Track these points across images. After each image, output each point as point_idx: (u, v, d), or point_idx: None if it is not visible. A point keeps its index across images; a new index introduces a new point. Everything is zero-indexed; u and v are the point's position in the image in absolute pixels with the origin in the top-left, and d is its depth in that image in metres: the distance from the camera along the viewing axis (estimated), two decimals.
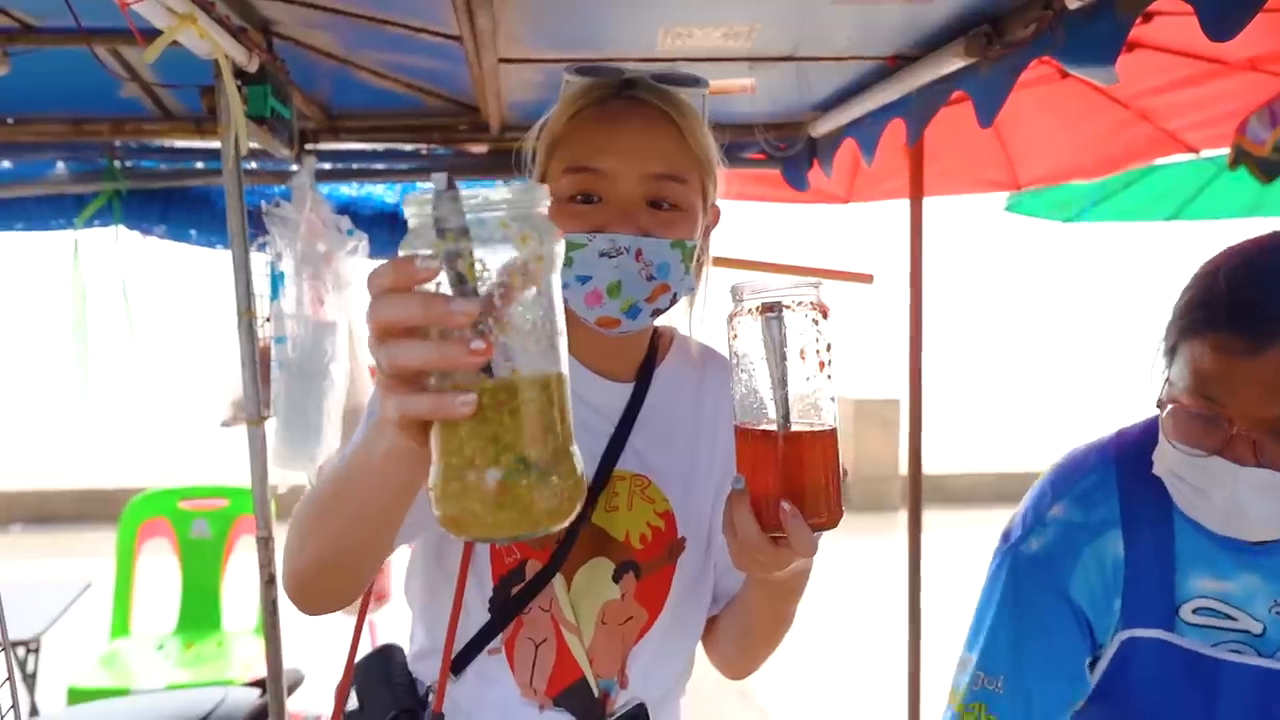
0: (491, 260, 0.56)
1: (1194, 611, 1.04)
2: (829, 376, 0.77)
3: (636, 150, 0.96)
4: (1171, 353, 0.99)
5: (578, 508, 0.60)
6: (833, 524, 0.79)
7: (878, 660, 4.18)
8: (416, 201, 0.56)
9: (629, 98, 1.00)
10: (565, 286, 0.97)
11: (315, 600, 0.90)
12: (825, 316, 0.77)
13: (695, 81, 1.03)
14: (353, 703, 1.11)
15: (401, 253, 0.57)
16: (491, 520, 0.57)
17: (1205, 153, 2.81)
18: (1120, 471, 1.08)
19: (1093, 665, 1.09)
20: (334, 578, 0.86)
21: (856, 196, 3.32)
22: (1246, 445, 0.92)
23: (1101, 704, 1.09)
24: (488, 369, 0.56)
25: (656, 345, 1.12)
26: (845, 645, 4.38)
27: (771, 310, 0.76)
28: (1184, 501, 1.00)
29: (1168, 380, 0.99)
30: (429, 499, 0.60)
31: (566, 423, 0.60)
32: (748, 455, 0.80)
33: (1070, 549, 1.07)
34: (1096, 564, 1.06)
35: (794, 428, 0.77)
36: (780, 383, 0.76)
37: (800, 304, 0.76)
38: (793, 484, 0.77)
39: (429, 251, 0.55)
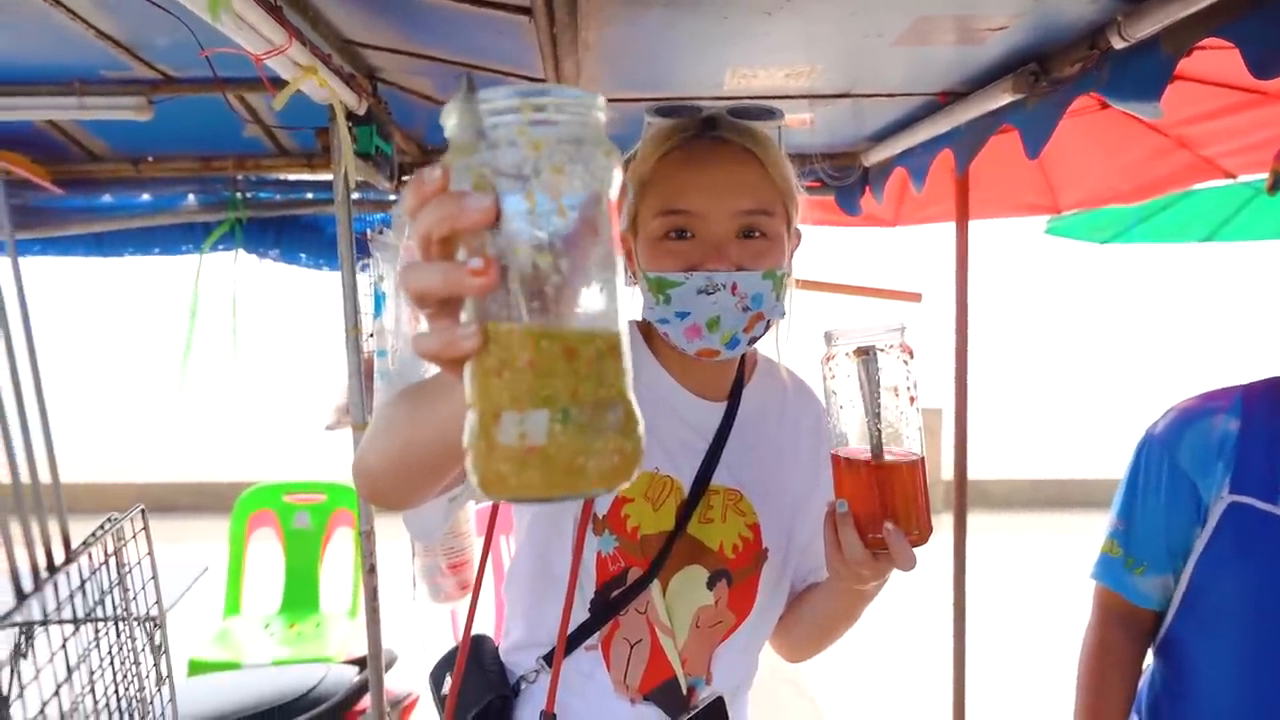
0: (511, 174, 0.43)
1: None
2: (917, 410, 0.80)
3: (724, 188, 0.95)
4: None
5: (635, 473, 0.48)
6: (924, 540, 0.81)
7: (921, 653, 4.10)
8: (447, 111, 0.45)
9: (712, 137, 0.99)
10: (665, 322, 0.97)
11: (377, 493, 0.80)
12: (912, 356, 0.80)
13: (771, 114, 1.01)
14: (445, 687, 1.12)
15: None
16: (541, 480, 0.44)
17: (1242, 177, 2.71)
18: (1247, 390, 1.26)
19: (1202, 529, 1.24)
20: (397, 476, 0.76)
21: (903, 220, 3.27)
22: None
23: (1209, 568, 1.23)
24: (513, 307, 0.44)
25: (743, 366, 1.12)
26: (890, 639, 4.30)
27: (867, 353, 0.79)
28: None
29: None
30: (467, 464, 0.47)
31: (619, 377, 0.47)
32: (848, 481, 0.83)
33: (1182, 425, 1.27)
34: (1204, 436, 1.24)
35: (889, 456, 0.80)
36: (875, 417, 0.79)
37: (891, 347, 0.79)
38: (890, 506, 0.80)
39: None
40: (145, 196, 2.47)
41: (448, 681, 1.10)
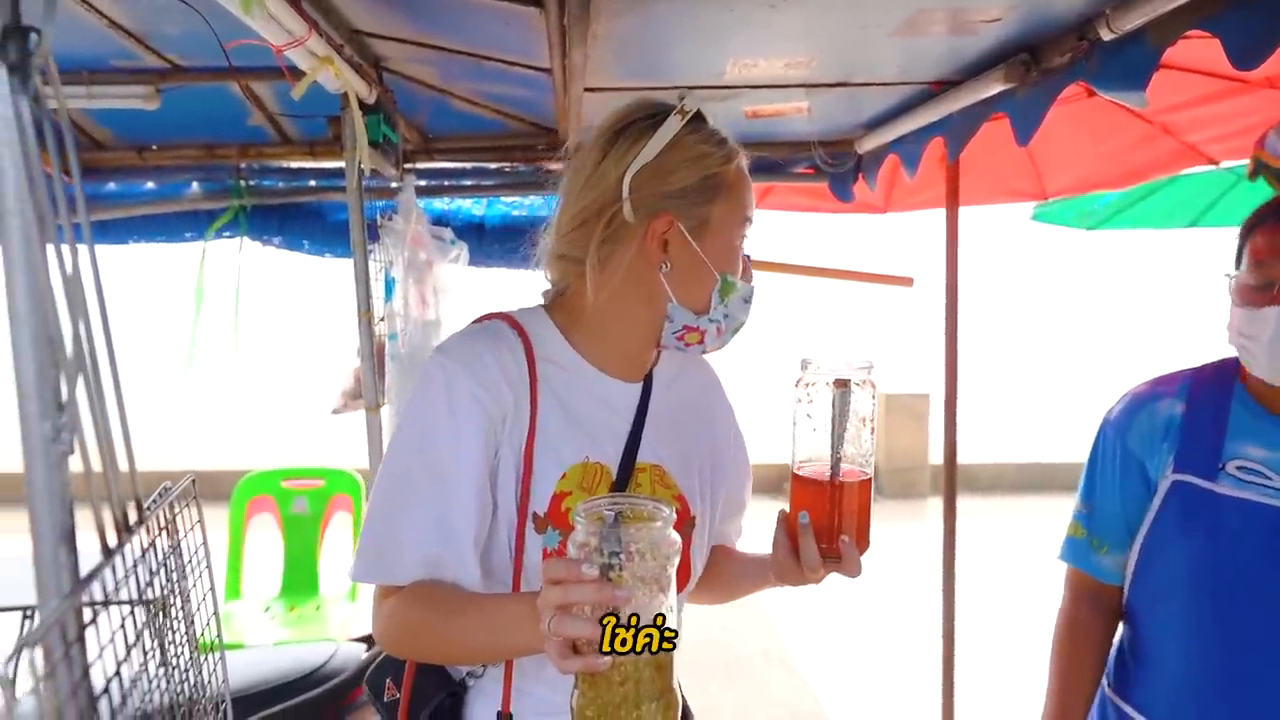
0: (627, 569, 0.77)
1: (1237, 468, 1.22)
2: (873, 437, 0.92)
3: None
4: (1238, 260, 1.24)
5: None
6: (865, 550, 0.94)
7: (910, 633, 4.19)
8: (586, 516, 0.78)
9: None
10: (712, 321, 1.07)
11: (400, 654, 1.07)
12: (875, 390, 0.91)
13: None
14: (392, 694, 1.11)
15: (570, 550, 0.78)
16: None
17: (1224, 164, 2.77)
18: (1194, 374, 1.33)
19: (1150, 506, 1.31)
20: (426, 659, 1.05)
21: (894, 207, 3.33)
22: None
23: (1155, 542, 1.29)
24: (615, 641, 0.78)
25: None
26: (880, 620, 4.39)
27: (845, 386, 0.90)
28: (1245, 356, 1.22)
29: (1235, 277, 1.23)
30: (570, 710, 0.80)
31: (673, 679, 0.80)
32: (807, 497, 0.93)
33: (1132, 410, 1.35)
34: (1151, 418, 1.32)
35: (848, 478, 0.91)
36: (841, 441, 0.90)
37: (864, 383, 0.90)
38: (846, 520, 0.91)
39: (583, 551, 0.77)
40: (150, 184, 2.49)
41: (387, 687, 1.12)
